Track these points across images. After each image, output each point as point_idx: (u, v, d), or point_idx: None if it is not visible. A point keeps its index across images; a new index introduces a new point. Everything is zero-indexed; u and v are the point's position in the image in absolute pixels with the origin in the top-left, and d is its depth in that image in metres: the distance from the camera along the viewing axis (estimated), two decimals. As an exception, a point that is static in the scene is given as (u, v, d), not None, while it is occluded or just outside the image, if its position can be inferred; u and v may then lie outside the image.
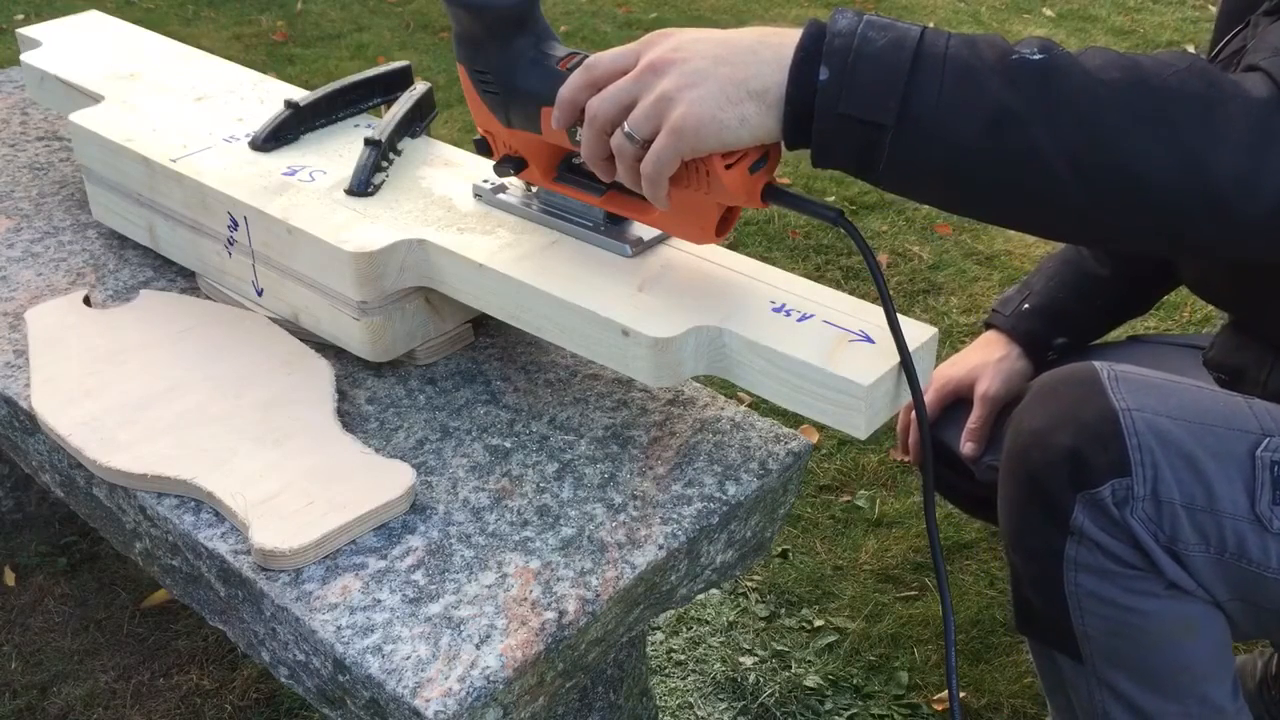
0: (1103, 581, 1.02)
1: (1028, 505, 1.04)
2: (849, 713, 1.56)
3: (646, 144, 0.87)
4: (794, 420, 1.82)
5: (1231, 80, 0.82)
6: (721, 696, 1.58)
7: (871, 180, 0.86)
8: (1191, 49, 3.79)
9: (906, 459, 1.47)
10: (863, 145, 0.83)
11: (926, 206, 2.80)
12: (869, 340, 0.92)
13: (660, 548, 0.92)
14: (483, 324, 1.15)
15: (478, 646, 0.83)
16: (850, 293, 1.03)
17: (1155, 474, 0.97)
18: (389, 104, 1.25)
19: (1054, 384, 1.06)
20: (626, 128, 0.87)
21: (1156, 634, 1.03)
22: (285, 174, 1.14)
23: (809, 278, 1.02)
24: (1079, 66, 0.81)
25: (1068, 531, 1.01)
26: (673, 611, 1.64)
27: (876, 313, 0.94)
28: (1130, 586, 1.01)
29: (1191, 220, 0.82)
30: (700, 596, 1.66)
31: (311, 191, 1.11)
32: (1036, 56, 0.80)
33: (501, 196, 1.09)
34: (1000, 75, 0.80)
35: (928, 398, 1.37)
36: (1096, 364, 1.05)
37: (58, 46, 1.43)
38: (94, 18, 1.53)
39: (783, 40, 0.84)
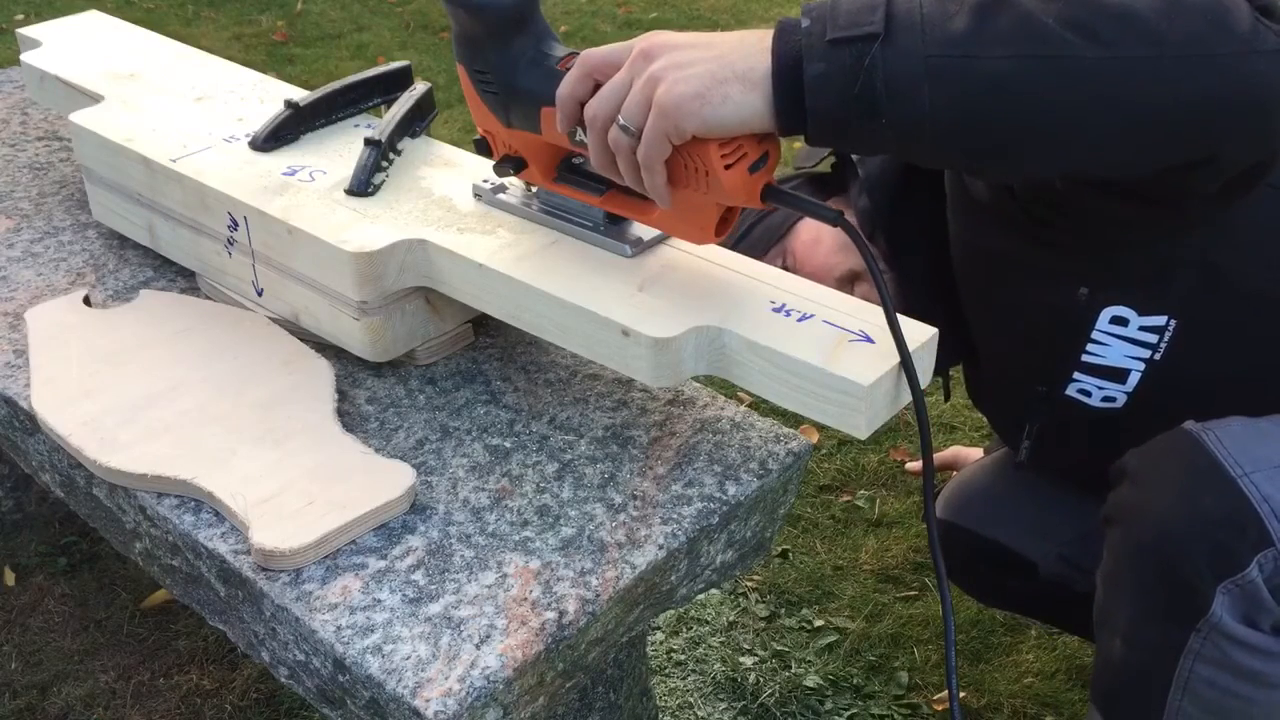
0: (1221, 671, 1.00)
1: (1151, 600, 1.02)
2: (849, 713, 1.56)
3: (640, 134, 0.87)
4: (794, 420, 1.82)
5: None
6: (721, 696, 1.58)
7: (872, 129, 0.82)
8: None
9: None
10: (855, 69, 0.80)
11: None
12: (869, 340, 0.92)
13: (660, 548, 0.92)
14: (483, 324, 1.15)
15: (478, 646, 0.83)
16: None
17: None
18: (389, 104, 1.25)
19: (1159, 463, 1.03)
20: (621, 120, 0.87)
21: (1259, 716, 1.02)
22: (285, 174, 1.14)
23: (809, 278, 1.02)
24: None
25: (1195, 627, 0.99)
26: (673, 611, 1.64)
27: (876, 313, 0.94)
28: (1251, 675, 0.99)
29: (1193, 42, 0.80)
30: (700, 596, 1.66)
31: (311, 191, 1.11)
32: None
33: (501, 196, 1.09)
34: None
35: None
36: (1191, 428, 1.02)
37: (58, 46, 1.43)
38: (94, 18, 1.53)
39: (767, 33, 0.85)
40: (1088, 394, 1.15)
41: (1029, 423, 1.24)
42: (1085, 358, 1.13)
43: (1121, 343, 1.10)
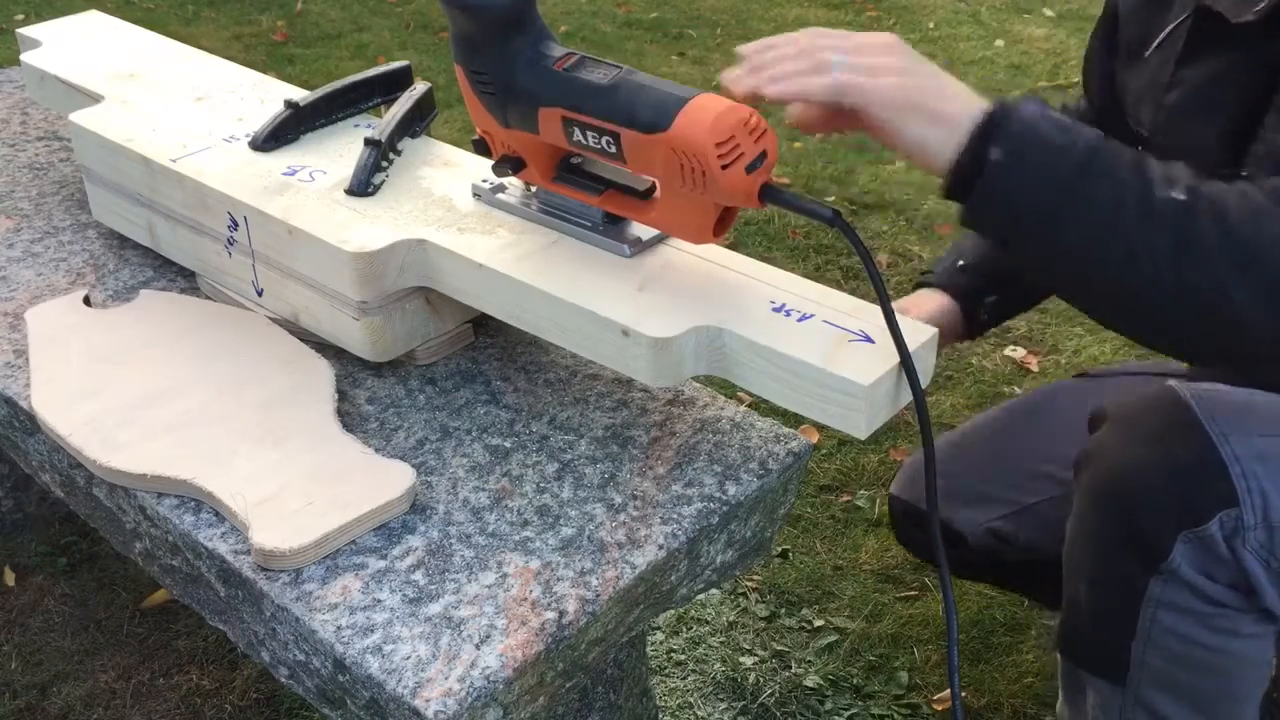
0: (1184, 618, 1.01)
1: (1114, 542, 1.03)
2: (849, 713, 1.56)
3: (833, 74, 0.89)
4: (794, 420, 1.81)
5: None
6: (721, 696, 1.58)
7: (1010, 253, 0.92)
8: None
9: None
10: (998, 223, 0.89)
11: (926, 205, 2.80)
12: (869, 340, 0.92)
13: (660, 548, 0.92)
14: (483, 324, 1.15)
15: (478, 646, 0.83)
16: (850, 293, 1.03)
17: (1264, 500, 0.96)
18: (389, 104, 1.25)
19: (1139, 413, 1.04)
20: (836, 55, 0.89)
21: (1222, 668, 1.02)
22: (285, 174, 1.14)
23: (809, 277, 1.02)
24: (1214, 208, 0.84)
25: (1156, 571, 1.00)
26: (673, 611, 1.64)
27: (876, 313, 0.94)
28: (1214, 625, 1.00)
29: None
30: (700, 596, 1.66)
31: (311, 191, 1.11)
32: (1181, 198, 0.84)
33: (501, 196, 1.09)
34: (1144, 216, 0.84)
35: None
36: (1176, 386, 1.03)
37: (58, 46, 1.43)
38: (94, 18, 1.53)
39: (965, 94, 0.90)
40: None
41: None
42: None
43: None
